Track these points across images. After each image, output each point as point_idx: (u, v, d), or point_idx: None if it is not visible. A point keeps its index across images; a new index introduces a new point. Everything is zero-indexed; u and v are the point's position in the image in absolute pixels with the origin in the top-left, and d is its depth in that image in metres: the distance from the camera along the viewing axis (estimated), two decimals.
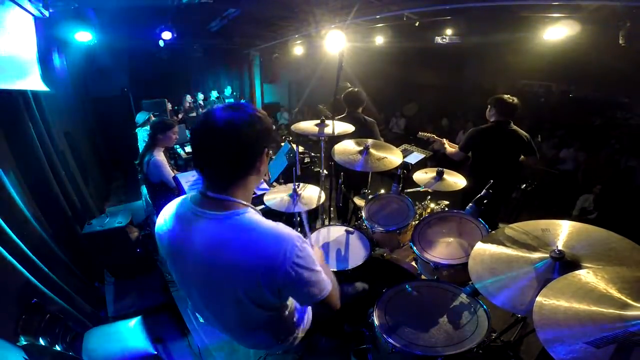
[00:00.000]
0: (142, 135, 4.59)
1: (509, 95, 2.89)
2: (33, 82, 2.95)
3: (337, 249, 2.05)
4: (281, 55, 8.75)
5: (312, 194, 2.20)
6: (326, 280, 1.05)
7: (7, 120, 2.52)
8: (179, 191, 2.69)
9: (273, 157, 3.19)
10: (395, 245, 2.13)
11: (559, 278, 1.06)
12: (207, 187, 0.99)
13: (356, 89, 3.43)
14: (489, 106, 2.96)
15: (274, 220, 1.01)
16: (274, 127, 1.07)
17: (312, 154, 4.17)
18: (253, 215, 0.99)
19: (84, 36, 4.83)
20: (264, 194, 2.28)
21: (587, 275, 1.02)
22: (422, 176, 2.32)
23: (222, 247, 0.94)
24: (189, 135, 5.08)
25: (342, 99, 3.45)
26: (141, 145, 4.27)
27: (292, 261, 0.92)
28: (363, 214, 2.19)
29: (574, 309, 0.93)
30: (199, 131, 0.95)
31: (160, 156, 2.86)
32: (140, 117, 4.89)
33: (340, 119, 3.36)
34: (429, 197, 2.45)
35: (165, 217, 1.09)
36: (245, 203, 1.01)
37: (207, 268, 0.97)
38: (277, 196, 2.18)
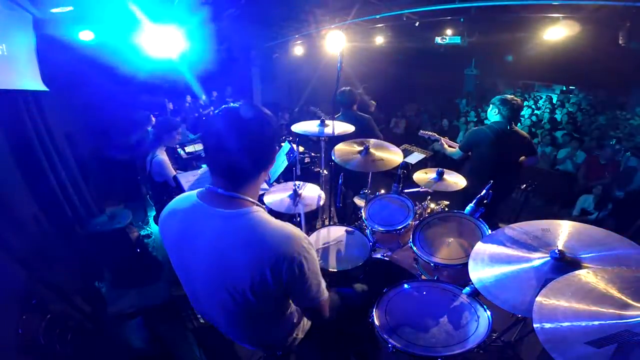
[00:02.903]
0: None
1: (512, 96, 2.88)
2: (33, 82, 2.95)
3: (337, 249, 2.05)
4: (281, 55, 8.75)
5: (312, 194, 2.20)
6: (324, 286, 1.09)
7: (7, 120, 2.52)
8: (180, 191, 2.69)
9: None
10: (395, 245, 2.13)
11: (559, 278, 1.06)
12: (218, 185, 0.99)
13: (347, 89, 3.48)
14: (491, 106, 2.96)
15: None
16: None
17: (312, 154, 4.17)
18: (262, 213, 1.00)
19: (84, 36, 4.83)
20: (263, 193, 2.28)
21: (587, 275, 1.02)
22: (422, 176, 2.32)
23: (232, 244, 0.95)
24: (189, 136, 5.08)
25: (337, 98, 3.47)
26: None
27: (299, 261, 0.94)
28: (363, 214, 2.19)
29: (574, 309, 0.93)
30: (219, 129, 0.94)
31: (163, 155, 2.86)
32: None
33: (336, 118, 3.38)
34: (429, 197, 2.45)
35: (170, 216, 1.09)
36: (254, 201, 1.02)
37: (216, 264, 0.98)
38: (277, 196, 2.18)
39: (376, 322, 1.45)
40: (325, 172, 2.78)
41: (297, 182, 2.22)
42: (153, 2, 4.42)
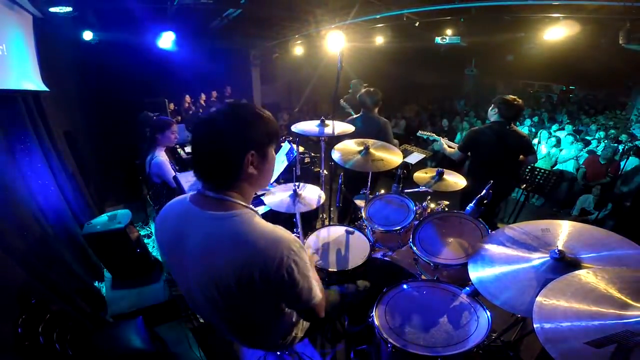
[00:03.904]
0: None
1: (514, 97, 2.88)
2: (33, 82, 2.96)
3: (337, 249, 2.05)
4: (281, 55, 8.76)
5: (312, 194, 2.20)
6: (316, 289, 1.07)
7: (7, 120, 2.52)
8: (180, 191, 2.69)
9: None
10: (395, 245, 2.13)
11: (559, 278, 1.06)
12: (206, 188, 1.00)
13: (373, 89, 3.41)
14: (492, 106, 2.96)
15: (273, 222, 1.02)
16: (270, 127, 1.01)
17: (312, 154, 4.17)
18: (252, 216, 0.99)
19: (84, 36, 4.84)
20: (263, 193, 2.28)
21: (587, 275, 1.02)
22: (422, 176, 2.31)
23: (220, 246, 0.95)
24: (189, 136, 5.07)
25: (358, 98, 3.44)
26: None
27: (288, 264, 0.93)
28: (363, 214, 2.19)
29: (574, 309, 0.93)
30: (194, 136, 0.99)
31: (162, 156, 2.85)
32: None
33: (354, 119, 3.38)
34: (429, 197, 2.45)
35: (164, 218, 1.11)
36: (244, 204, 1.01)
37: (206, 266, 0.98)
38: (277, 196, 2.18)
39: (376, 321, 1.45)
40: (325, 172, 2.78)
41: (297, 183, 2.22)
42: (151, 2, 4.43)
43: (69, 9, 3.51)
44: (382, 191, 2.58)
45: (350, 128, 2.65)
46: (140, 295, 2.68)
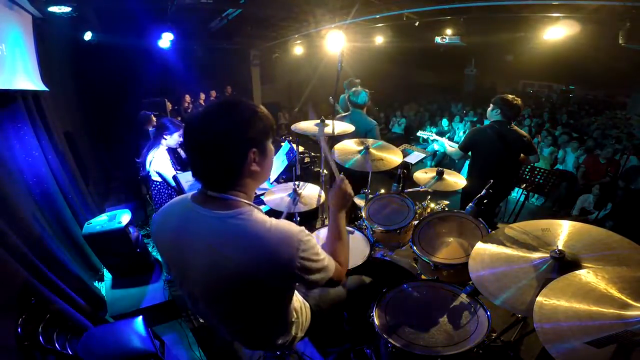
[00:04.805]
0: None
1: (513, 96, 2.87)
2: (33, 82, 2.95)
3: None
4: (281, 55, 8.75)
5: (312, 194, 2.20)
6: (328, 265, 1.08)
7: (7, 120, 2.51)
8: (180, 191, 2.69)
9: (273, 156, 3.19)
10: (395, 245, 2.12)
11: (559, 278, 1.06)
12: (207, 187, 0.99)
13: (360, 89, 3.41)
14: (492, 105, 2.95)
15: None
16: (268, 122, 0.98)
17: (312, 153, 4.18)
18: (257, 214, 0.99)
19: (83, 36, 4.84)
20: (263, 193, 2.28)
21: (587, 275, 1.02)
22: (422, 176, 2.32)
23: (226, 245, 0.94)
24: None
25: (348, 96, 3.44)
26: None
27: (299, 256, 0.94)
28: (363, 214, 2.19)
29: (574, 309, 0.93)
30: (184, 132, 0.97)
31: (163, 155, 2.86)
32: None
33: (343, 117, 3.38)
34: (429, 197, 2.45)
35: (165, 217, 1.10)
36: (248, 202, 1.00)
37: (210, 266, 0.97)
38: (276, 196, 2.18)
39: (376, 321, 1.45)
40: (325, 172, 2.78)
41: (297, 182, 2.22)
42: (151, 2, 4.42)
43: (68, 9, 3.50)
44: (382, 191, 2.58)
45: (350, 128, 2.65)
46: (140, 295, 2.68)
